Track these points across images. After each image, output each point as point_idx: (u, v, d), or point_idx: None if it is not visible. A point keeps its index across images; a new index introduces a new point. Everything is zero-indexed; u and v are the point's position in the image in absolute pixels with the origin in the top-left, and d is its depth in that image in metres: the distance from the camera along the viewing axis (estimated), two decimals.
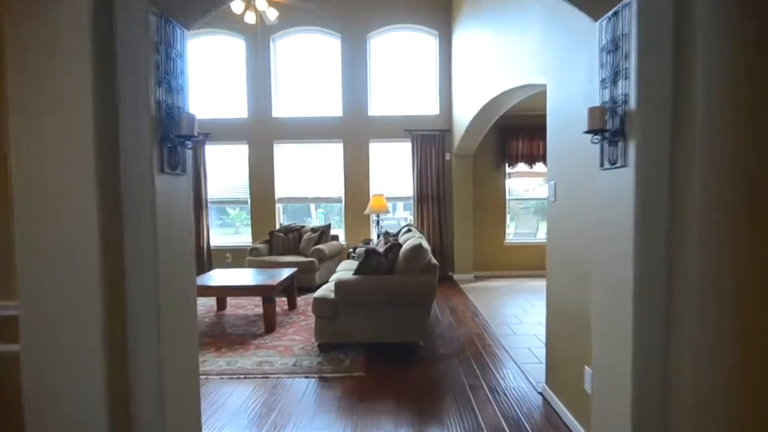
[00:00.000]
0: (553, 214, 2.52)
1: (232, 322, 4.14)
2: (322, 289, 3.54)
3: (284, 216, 6.92)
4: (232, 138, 6.51)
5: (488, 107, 4.79)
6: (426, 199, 6.48)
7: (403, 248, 3.47)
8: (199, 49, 6.56)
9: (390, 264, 3.45)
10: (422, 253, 3.35)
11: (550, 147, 2.55)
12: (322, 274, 5.59)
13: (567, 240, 2.32)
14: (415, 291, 3.30)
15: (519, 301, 5.04)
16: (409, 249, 3.37)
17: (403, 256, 3.40)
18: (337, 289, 3.29)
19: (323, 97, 6.64)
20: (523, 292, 5.55)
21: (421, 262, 3.36)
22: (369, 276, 3.36)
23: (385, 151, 6.68)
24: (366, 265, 3.39)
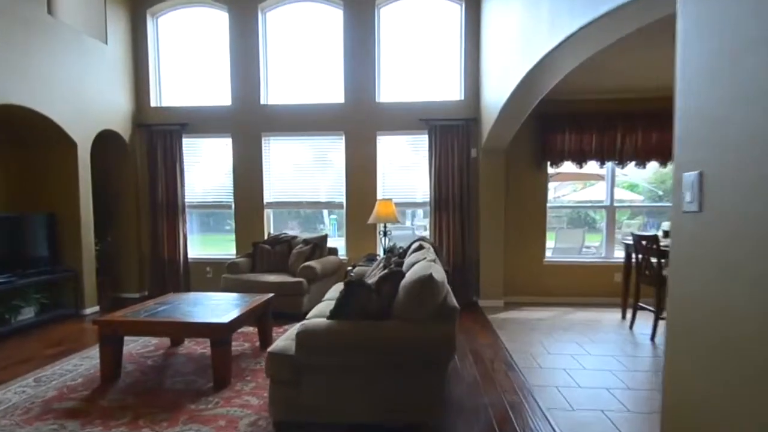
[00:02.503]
0: (695, 235, 1.28)
1: (179, 368, 3.05)
2: (284, 338, 2.40)
3: (295, 222, 5.84)
4: (213, 129, 5.49)
5: (529, 81, 3.56)
6: (445, 205, 5.27)
7: (405, 280, 2.29)
8: (173, 25, 5.59)
9: (385, 303, 2.29)
10: (432, 289, 2.17)
11: (687, 107, 1.32)
12: (313, 298, 4.46)
13: (732, 292, 1.10)
14: (420, 348, 2.14)
15: (568, 345, 3.76)
16: (413, 283, 2.19)
17: (404, 292, 2.23)
18: (299, 342, 2.15)
19: (322, 80, 5.55)
20: (571, 328, 4.26)
21: (430, 302, 2.18)
22: (350, 322, 2.21)
23: (396, 145, 5.53)
24: (347, 304, 2.24)
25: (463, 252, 5.28)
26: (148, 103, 5.51)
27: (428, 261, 2.63)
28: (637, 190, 6.91)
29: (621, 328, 4.27)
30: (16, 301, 3.95)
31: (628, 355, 3.50)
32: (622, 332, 4.12)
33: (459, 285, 5.23)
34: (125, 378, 2.85)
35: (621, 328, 4.27)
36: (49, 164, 4.57)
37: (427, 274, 2.18)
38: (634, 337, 3.99)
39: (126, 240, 5.43)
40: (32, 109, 3.98)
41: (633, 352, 3.57)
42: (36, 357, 3.29)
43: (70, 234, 4.57)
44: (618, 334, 4.06)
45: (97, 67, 4.85)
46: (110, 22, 5.07)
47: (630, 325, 4.27)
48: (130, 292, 5.43)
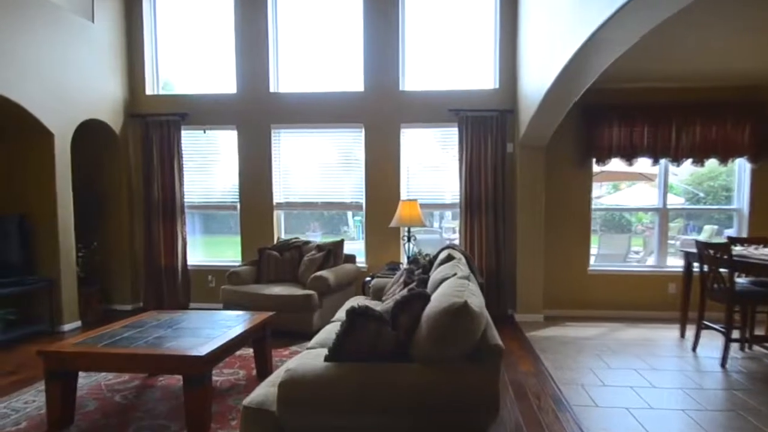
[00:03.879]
0: None
1: (151, 407, 2.47)
2: (272, 379, 1.78)
3: (317, 224, 5.26)
4: (217, 120, 4.94)
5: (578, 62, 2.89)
6: (477, 206, 4.59)
7: (430, 308, 1.64)
8: (173, 4, 5.07)
9: (402, 337, 1.65)
10: (467, 322, 1.50)
11: None
12: (325, 314, 3.85)
13: None
14: (450, 404, 1.50)
15: (626, 374, 3.04)
16: (441, 314, 1.53)
17: (428, 325, 1.58)
18: (283, 396, 1.53)
19: (338, 66, 4.95)
20: (624, 350, 3.53)
21: (463, 340, 1.52)
22: (353, 366, 1.57)
23: (422, 139, 4.88)
24: (349, 341, 1.60)
25: (497, 259, 4.58)
26: (143, 91, 4.99)
27: (460, 278, 1.98)
28: (673, 191, 6.15)
29: (682, 350, 3.58)
30: None
31: (700, 388, 2.82)
32: (685, 356, 3.44)
33: (493, 297, 4.55)
34: (79, 423, 2.28)
35: (682, 350, 3.58)
36: (20, 158, 4.04)
37: (459, 302, 1.51)
38: (700, 362, 3.31)
39: (117, 245, 4.91)
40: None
41: (704, 383, 2.91)
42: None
43: (45, 238, 4.03)
44: (681, 359, 3.37)
45: (81, 48, 4.33)
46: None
47: (693, 346, 3.59)
48: (123, 303, 4.91)
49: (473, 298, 1.64)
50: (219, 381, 2.84)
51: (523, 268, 4.51)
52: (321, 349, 1.69)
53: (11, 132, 3.97)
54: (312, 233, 5.44)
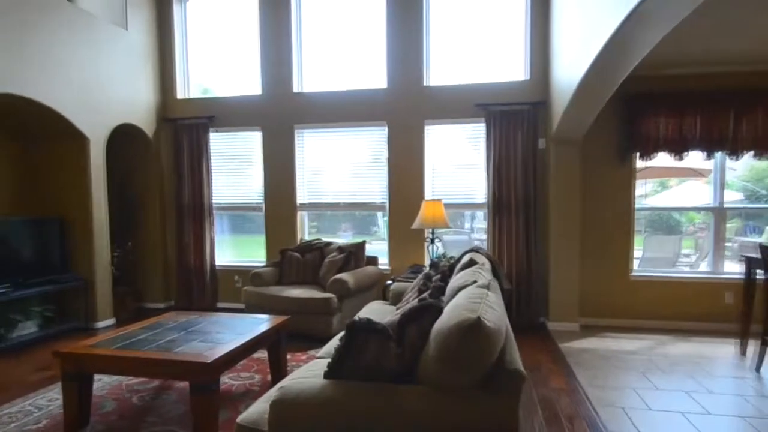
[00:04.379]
0: None
1: (164, 411, 2.46)
2: (263, 399, 1.69)
3: (349, 224, 5.21)
4: (242, 122, 4.98)
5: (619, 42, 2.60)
6: (507, 206, 4.35)
7: (439, 323, 1.48)
8: (202, 10, 5.15)
9: (409, 355, 1.51)
10: (478, 342, 1.33)
11: None
12: (345, 318, 3.75)
13: None
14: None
15: (676, 396, 2.73)
16: (450, 330, 1.37)
17: (435, 342, 1.43)
18: (274, 417, 1.43)
19: (361, 63, 4.85)
20: (674, 368, 3.19)
21: (475, 363, 1.35)
22: (353, 385, 1.45)
23: (447, 136, 4.69)
24: (348, 356, 1.48)
25: (527, 262, 4.33)
26: (174, 95, 5.11)
27: (479, 287, 1.81)
28: (729, 188, 5.56)
29: (742, 369, 3.20)
30: (13, 314, 3.62)
31: (765, 417, 2.46)
32: (746, 377, 3.05)
33: (523, 303, 4.30)
34: (95, 424, 2.31)
35: (742, 369, 3.20)
36: (58, 161, 4.22)
37: (471, 319, 1.35)
38: (764, 385, 2.92)
39: (150, 245, 5.06)
40: (35, 100, 3.62)
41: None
42: (16, 384, 2.87)
43: (81, 239, 4.19)
44: (742, 380, 2.99)
45: (116, 55, 4.47)
46: (132, 5, 4.68)
47: (756, 366, 3.17)
48: (155, 302, 5.06)
49: (490, 313, 1.47)
50: (234, 385, 2.81)
51: (556, 272, 4.23)
52: (305, 380, 1.57)
53: (49, 137, 4.15)
54: (343, 233, 5.38)
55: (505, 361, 1.45)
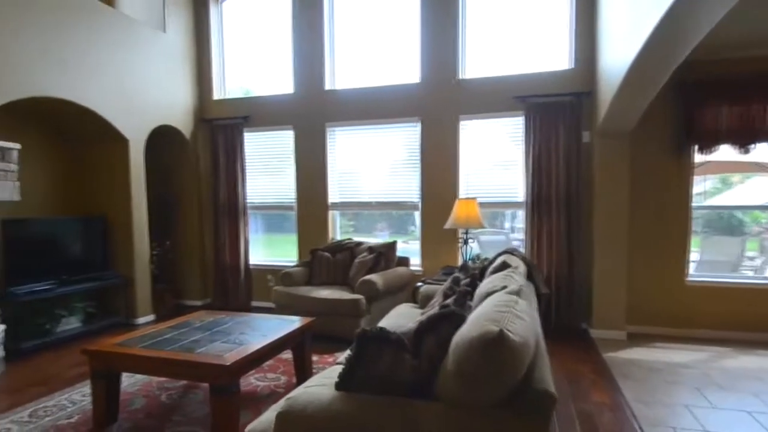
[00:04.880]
0: None
1: (189, 411, 2.46)
2: (276, 407, 1.61)
3: (385, 223, 5.14)
4: (275, 121, 5.00)
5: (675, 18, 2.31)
6: (546, 204, 4.09)
7: (459, 335, 1.34)
8: (237, 11, 5.22)
9: (426, 367, 1.38)
10: (501, 358, 1.17)
11: None
12: (374, 320, 3.65)
13: None
14: None
15: (738, 418, 2.42)
16: (470, 344, 1.22)
17: (454, 355, 1.29)
18: (280, 428, 1.35)
19: (394, 58, 4.73)
20: (736, 385, 2.84)
21: (497, 381, 1.20)
22: (365, 399, 1.34)
23: (484, 131, 4.47)
24: (360, 367, 1.38)
25: (569, 264, 4.05)
26: (211, 96, 5.22)
27: (508, 293, 1.65)
28: None
29: None
30: (58, 310, 3.80)
31: None
32: None
33: (563, 308, 4.04)
34: (122, 422, 2.34)
35: None
36: (99, 163, 4.40)
37: (493, 332, 1.20)
38: None
39: (188, 244, 5.20)
40: (77, 103, 3.78)
41: None
42: (55, 378, 2.99)
43: (122, 237, 4.36)
44: None
45: (154, 57, 4.60)
46: (170, 8, 4.81)
47: None
48: (193, 299, 5.19)
49: (517, 324, 1.31)
50: (260, 386, 2.79)
51: (601, 275, 3.93)
52: (316, 388, 1.48)
53: (92, 139, 4.33)
54: (379, 233, 5.30)
55: (534, 380, 1.29)
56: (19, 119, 3.71)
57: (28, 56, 3.42)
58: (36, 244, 3.74)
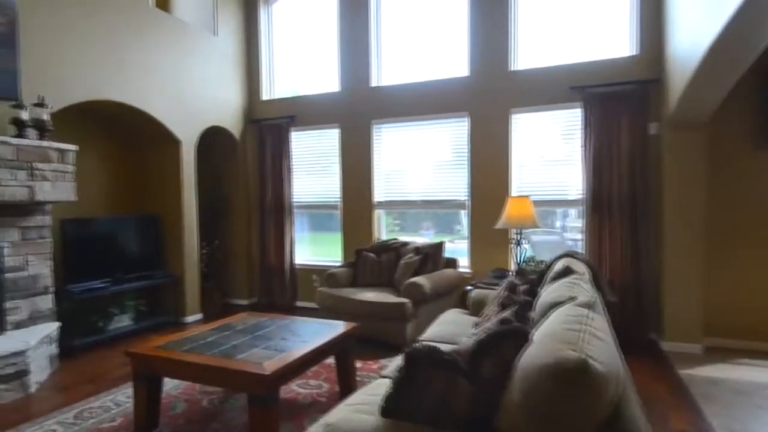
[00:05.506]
0: None
1: (229, 420, 2.40)
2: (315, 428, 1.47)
3: (431, 222, 4.97)
4: (321, 120, 4.93)
5: None
6: (608, 203, 3.73)
7: (526, 361, 1.13)
8: (286, 12, 5.20)
9: (486, 394, 1.18)
10: (583, 394, 0.96)
11: None
12: (421, 324, 3.47)
13: None
14: None
15: None
16: (538, 374, 1.01)
17: (521, 387, 1.08)
18: None
19: (442, 51, 4.51)
20: None
21: (578, 417, 0.99)
22: (413, 429, 1.16)
23: (537, 125, 4.16)
24: (408, 394, 1.20)
25: (635, 269, 3.67)
26: (259, 97, 5.25)
27: (578, 306, 1.42)
28: None
29: None
30: (111, 308, 3.91)
31: None
32: None
33: (629, 316, 3.66)
34: (163, 427, 2.30)
35: None
36: (152, 163, 4.50)
37: (572, 359, 0.98)
38: None
39: (236, 243, 5.25)
40: (132, 105, 3.87)
41: None
42: (103, 377, 3.04)
43: (173, 237, 4.44)
44: None
45: (206, 60, 4.66)
46: (221, 11, 4.86)
47: None
48: (240, 298, 5.24)
49: (597, 347, 1.09)
50: (301, 394, 2.69)
51: (673, 281, 3.52)
52: (360, 415, 1.32)
53: (147, 141, 4.45)
54: (425, 232, 5.12)
55: (623, 418, 1.06)
56: (76, 121, 3.85)
57: (90, 61, 3.55)
58: (92, 243, 3.87)
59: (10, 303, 3.04)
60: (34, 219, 3.19)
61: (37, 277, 3.21)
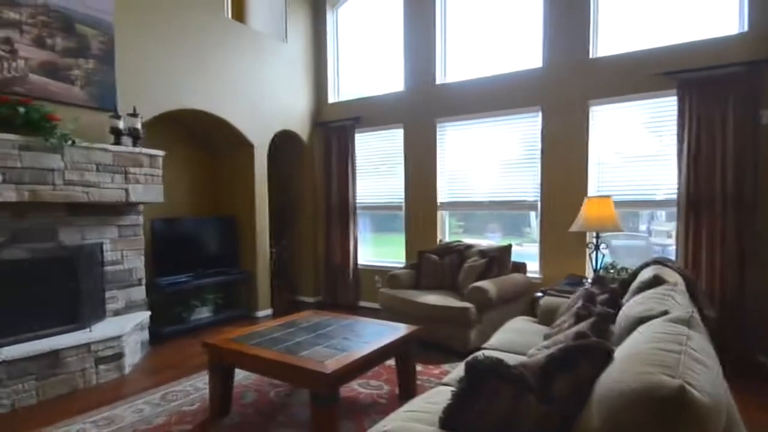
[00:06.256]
0: None
1: (294, 413, 2.44)
2: None
3: (497, 224, 4.83)
4: (385, 120, 4.92)
5: None
6: (708, 204, 3.28)
7: (606, 384, 0.99)
8: (352, 15, 5.28)
9: (557, 416, 1.06)
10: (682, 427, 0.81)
11: None
12: (485, 331, 3.32)
13: None
14: None
15: None
16: (624, 401, 0.87)
17: (600, 414, 0.94)
18: None
19: (512, 43, 4.29)
20: None
21: None
22: None
23: (619, 117, 3.80)
24: (470, 408, 1.11)
25: (739, 279, 3.19)
26: (326, 100, 5.39)
27: (672, 322, 1.24)
28: None
29: None
30: (193, 300, 4.20)
31: None
32: None
33: (730, 334, 3.19)
34: (233, 415, 2.42)
35: None
36: (229, 167, 4.79)
37: (667, 386, 0.83)
38: None
39: (303, 243, 5.43)
40: (212, 113, 4.15)
41: None
42: (185, 364, 3.26)
43: (246, 236, 4.69)
44: None
45: (277, 66, 4.86)
46: (290, 18, 5.04)
47: None
48: (307, 296, 5.41)
49: (699, 373, 0.92)
50: (362, 394, 2.68)
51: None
52: (416, 425, 1.24)
53: (224, 146, 4.75)
54: (491, 235, 4.93)
55: None
56: (163, 129, 4.20)
57: (176, 74, 3.87)
58: (177, 240, 4.21)
59: (109, 293, 3.39)
60: (128, 218, 3.53)
61: (131, 271, 3.56)
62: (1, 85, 2.85)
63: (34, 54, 3.01)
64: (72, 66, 3.19)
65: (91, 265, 3.24)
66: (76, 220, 3.20)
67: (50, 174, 2.90)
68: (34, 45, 3.01)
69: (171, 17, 3.85)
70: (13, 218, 2.88)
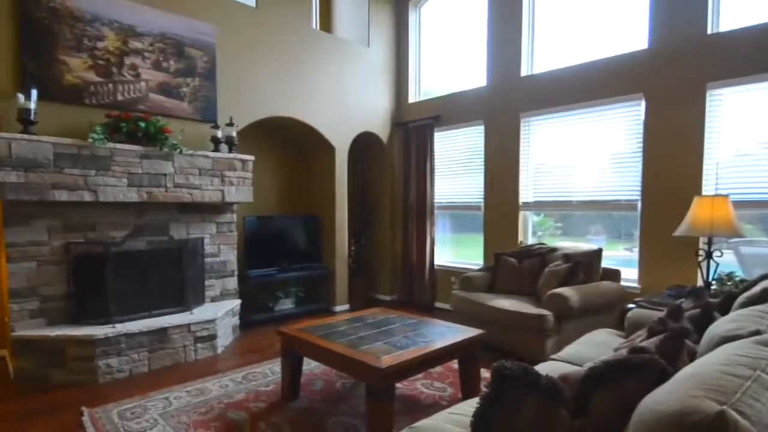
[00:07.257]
0: None
1: (356, 404, 2.54)
2: None
3: (601, 226, 4.51)
4: (465, 118, 4.81)
5: None
6: None
7: (648, 405, 0.86)
8: (435, 12, 5.26)
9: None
10: None
11: None
12: (565, 341, 3.05)
13: None
14: None
15: None
16: (664, 421, 0.76)
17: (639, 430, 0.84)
18: None
19: (608, 25, 3.91)
20: None
21: None
22: None
23: (747, 103, 3.23)
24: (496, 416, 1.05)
25: None
26: (406, 100, 5.44)
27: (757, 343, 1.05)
28: None
29: None
30: (277, 292, 4.54)
31: None
32: None
33: None
34: (302, 400, 2.58)
35: None
36: (313, 168, 5.09)
37: (704, 413, 0.71)
38: None
39: (381, 242, 5.55)
40: (299, 119, 4.47)
41: None
42: (267, 349, 3.55)
43: (327, 234, 4.95)
44: None
45: (358, 70, 5.05)
46: (373, 21, 5.19)
47: None
48: (383, 294, 5.52)
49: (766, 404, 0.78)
50: (424, 393, 2.68)
51: None
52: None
53: (308, 149, 5.08)
54: (593, 238, 4.56)
55: None
56: (254, 134, 4.62)
57: (268, 85, 4.25)
58: (265, 237, 4.62)
59: (208, 281, 3.85)
60: (224, 216, 3.97)
61: (226, 263, 3.99)
62: (129, 104, 3.41)
63: (153, 76, 3.54)
64: (181, 84, 3.69)
65: (195, 256, 3.71)
66: (183, 217, 3.70)
67: (163, 178, 3.40)
68: (153, 68, 3.55)
69: (264, 34, 4.23)
70: (135, 215, 3.43)
